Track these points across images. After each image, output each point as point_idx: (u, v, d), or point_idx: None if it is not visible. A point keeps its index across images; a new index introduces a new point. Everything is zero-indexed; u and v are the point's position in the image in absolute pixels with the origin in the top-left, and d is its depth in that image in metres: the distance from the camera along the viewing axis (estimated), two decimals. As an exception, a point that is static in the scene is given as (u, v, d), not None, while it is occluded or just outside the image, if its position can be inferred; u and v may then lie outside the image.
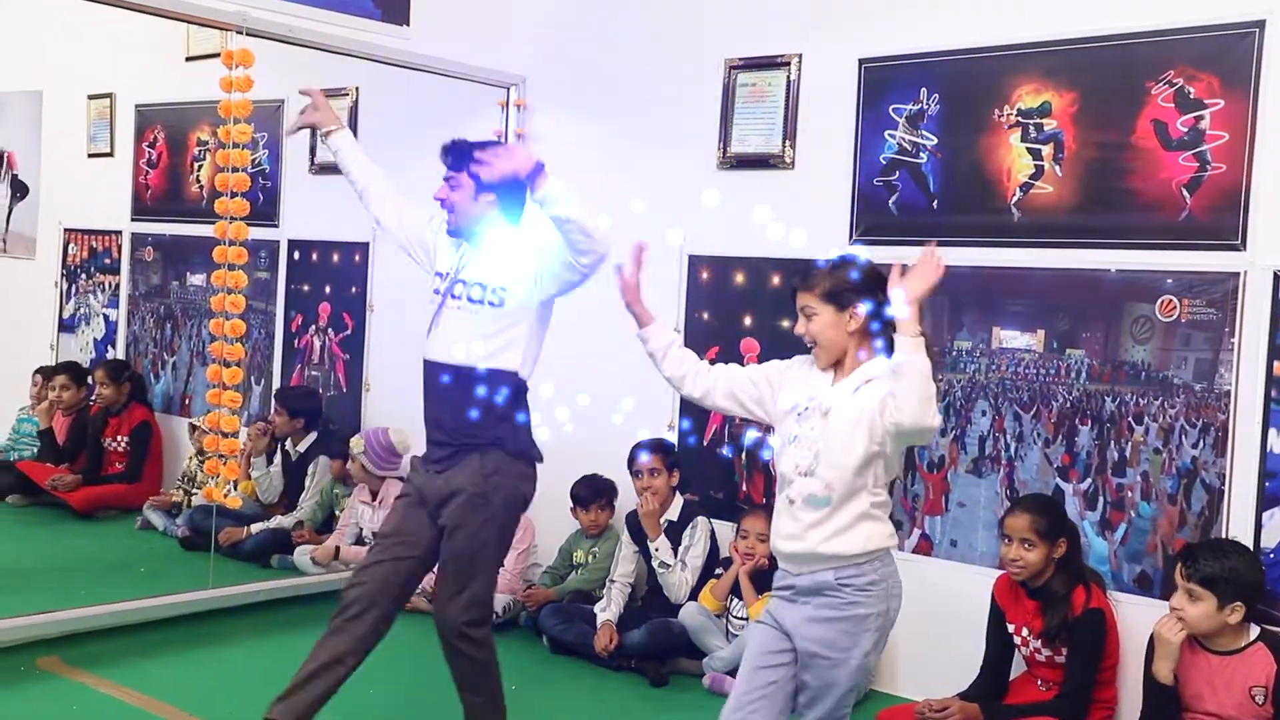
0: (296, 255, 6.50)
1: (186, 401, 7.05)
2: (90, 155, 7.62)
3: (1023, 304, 4.22)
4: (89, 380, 7.11)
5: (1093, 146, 4.04)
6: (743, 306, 4.88)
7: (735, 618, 4.51)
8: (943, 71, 4.35)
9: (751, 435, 4.64)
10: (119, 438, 6.80)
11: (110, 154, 7.50)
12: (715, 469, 4.96)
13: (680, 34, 5.10)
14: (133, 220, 7.41)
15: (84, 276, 7.69)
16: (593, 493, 5.02)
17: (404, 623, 3.59)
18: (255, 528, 5.80)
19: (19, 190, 8.04)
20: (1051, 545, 3.77)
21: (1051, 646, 3.79)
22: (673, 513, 4.74)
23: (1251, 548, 3.64)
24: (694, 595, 4.63)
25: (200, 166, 6.99)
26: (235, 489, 5.15)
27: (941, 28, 4.38)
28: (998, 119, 4.23)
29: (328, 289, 6.34)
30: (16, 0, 7.64)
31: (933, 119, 4.38)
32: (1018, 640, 3.90)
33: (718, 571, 4.66)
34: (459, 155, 3.41)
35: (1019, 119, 4.18)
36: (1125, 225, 3.98)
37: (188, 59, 6.85)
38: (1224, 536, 3.72)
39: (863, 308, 2.81)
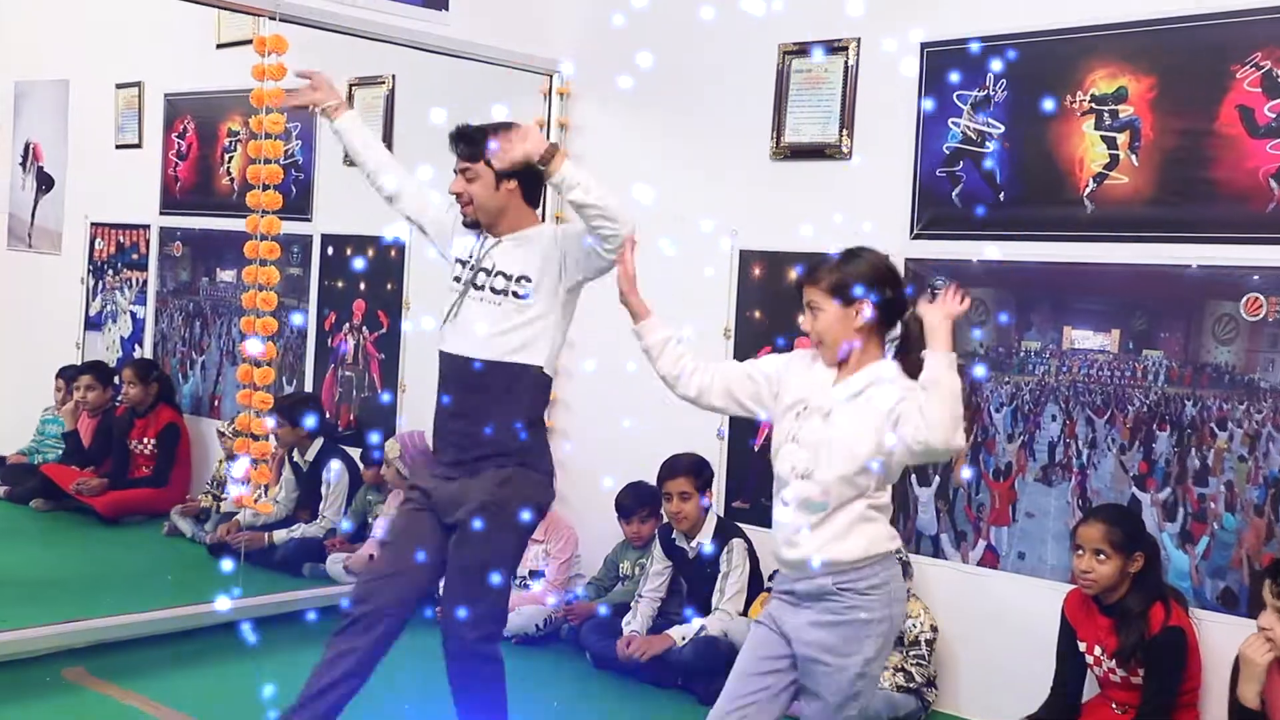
0: (330, 250, 6.53)
1: (216, 403, 7.11)
2: (118, 146, 7.70)
3: (1096, 302, 4.17)
4: (115, 380, 7.19)
5: (1172, 134, 3.98)
6: (797, 305, 4.81)
7: (789, 633, 4.49)
8: (1011, 55, 4.30)
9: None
10: (146, 440, 6.87)
11: (138, 145, 7.57)
12: (766, 475, 4.91)
13: (731, 17, 5.08)
14: (161, 214, 7.48)
15: (111, 272, 7.77)
16: (636, 502, 5.00)
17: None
18: (279, 535, 5.84)
19: (45, 183, 8.14)
20: (1127, 558, 3.72)
21: (1127, 667, 3.74)
22: (705, 535, 4.71)
23: (1344, 563, 3.57)
24: (745, 611, 4.62)
25: (231, 158, 7.05)
26: (266, 494, 5.18)
27: (1009, 8, 4.33)
28: (1070, 105, 4.18)
29: (362, 286, 6.37)
30: (43, -14, 7.75)
31: (1000, 105, 4.34)
32: (1090, 659, 3.85)
33: (769, 586, 4.64)
34: (472, 143, 3.39)
35: (1093, 105, 4.13)
36: (1207, 218, 3.92)
37: (218, 46, 6.91)
38: (1314, 551, 3.66)
39: (869, 304, 2.79)
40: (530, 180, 3.41)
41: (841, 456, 2.73)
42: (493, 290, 3.36)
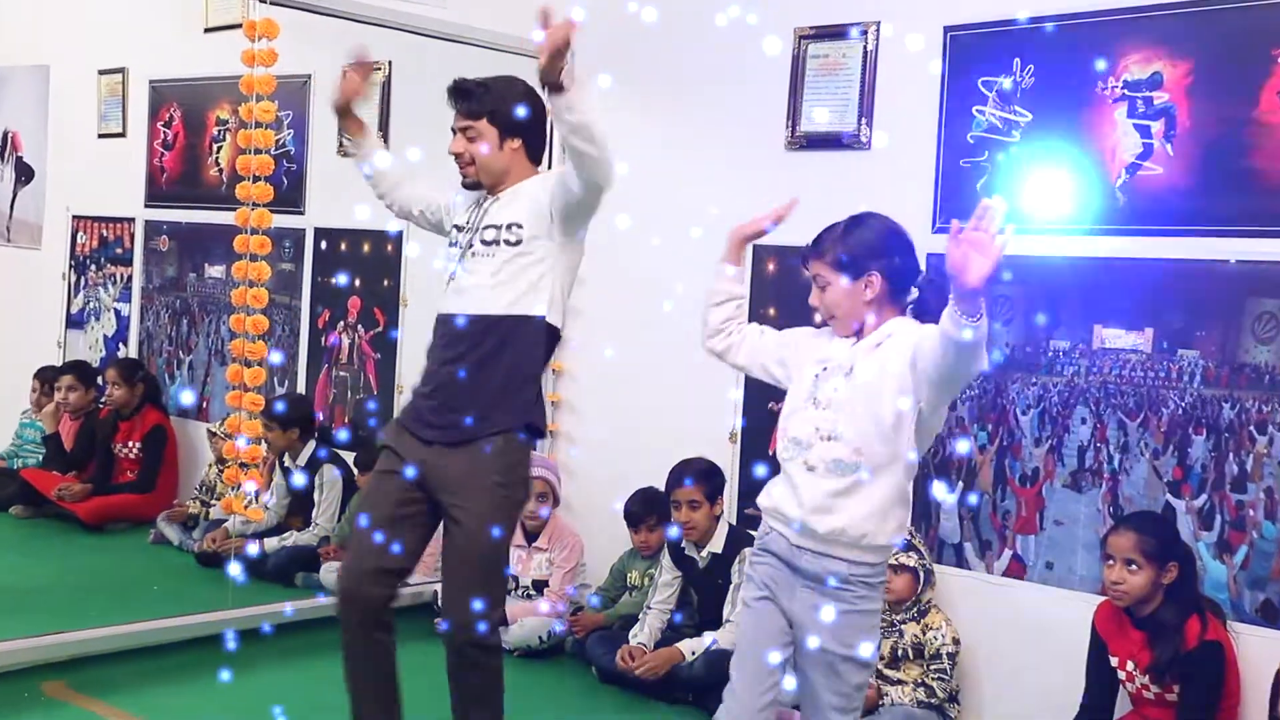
0: (324, 245, 6.53)
1: (204, 404, 7.11)
2: (101, 135, 7.71)
3: (1128, 299, 4.15)
4: (99, 381, 7.19)
5: (1210, 122, 3.96)
6: (814, 301, 4.83)
7: (805, 646, 4.48)
8: (1039, 39, 4.28)
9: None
10: (131, 443, 6.87)
11: (122, 134, 7.58)
12: (782, 481, 4.92)
13: (743, 0, 5.07)
14: (146, 206, 7.48)
15: (94, 268, 7.77)
16: (645, 510, 4.98)
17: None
18: (270, 543, 5.84)
19: (24, 174, 8.14)
20: (1160, 569, 3.70)
21: (1161, 683, 3.72)
22: (716, 544, 4.69)
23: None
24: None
25: (220, 148, 7.05)
26: (257, 500, 5.18)
27: (1038, -10, 4.32)
28: (1101, 92, 4.16)
29: (357, 282, 6.37)
30: (22, -32, 7.75)
31: (1027, 93, 4.32)
32: (1122, 675, 3.83)
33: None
34: (475, 99, 3.38)
35: (1125, 92, 4.11)
36: (1247, 210, 3.90)
37: (206, 30, 6.91)
38: (1358, 561, 3.64)
39: (878, 275, 2.82)
40: (534, 138, 3.43)
41: (868, 410, 2.75)
42: (483, 243, 3.34)
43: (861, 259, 2.83)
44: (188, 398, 4.20)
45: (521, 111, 3.38)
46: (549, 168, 4.95)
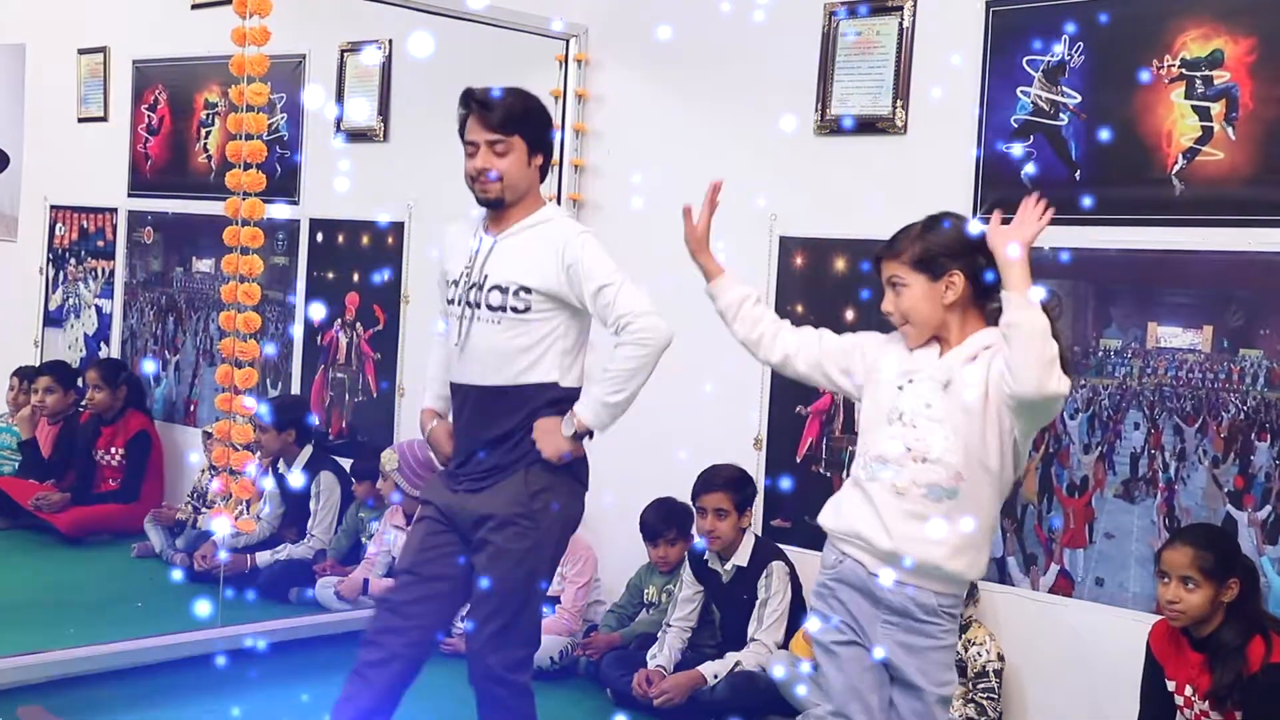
0: (320, 237, 6.54)
1: (192, 408, 7.13)
2: (81, 120, 7.74)
3: (1186, 294, 4.15)
4: (78, 383, 7.21)
5: (1274, 104, 3.95)
6: (844, 297, 4.83)
7: (836, 669, 4.47)
8: (1089, 14, 4.28)
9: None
10: (113, 450, 6.89)
11: (104, 118, 7.61)
12: (810, 491, 4.91)
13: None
14: (130, 196, 7.51)
15: (73, 261, 7.80)
16: (664, 523, 4.98)
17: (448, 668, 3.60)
18: (262, 557, 5.85)
19: (-2, 161, 8.18)
20: (1220, 586, 3.69)
21: (1222, 709, 3.71)
22: (741, 557, 4.70)
23: None
24: (785, 644, 4.61)
25: (208, 133, 7.07)
26: (248, 510, 5.19)
27: (1088, -38, 4.32)
28: (1156, 71, 4.15)
29: (356, 277, 6.38)
30: (-3, -60, 7.78)
31: (1076, 72, 4.31)
32: (1180, 701, 3.81)
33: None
34: (507, 112, 3.38)
35: (1183, 71, 4.10)
36: (1313, 199, 3.90)
37: (194, 6, 6.94)
38: None
39: (961, 275, 2.81)
40: (548, 157, 3.49)
41: (970, 429, 2.75)
42: (489, 308, 3.37)
43: (942, 258, 2.82)
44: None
45: (546, 129, 3.48)
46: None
